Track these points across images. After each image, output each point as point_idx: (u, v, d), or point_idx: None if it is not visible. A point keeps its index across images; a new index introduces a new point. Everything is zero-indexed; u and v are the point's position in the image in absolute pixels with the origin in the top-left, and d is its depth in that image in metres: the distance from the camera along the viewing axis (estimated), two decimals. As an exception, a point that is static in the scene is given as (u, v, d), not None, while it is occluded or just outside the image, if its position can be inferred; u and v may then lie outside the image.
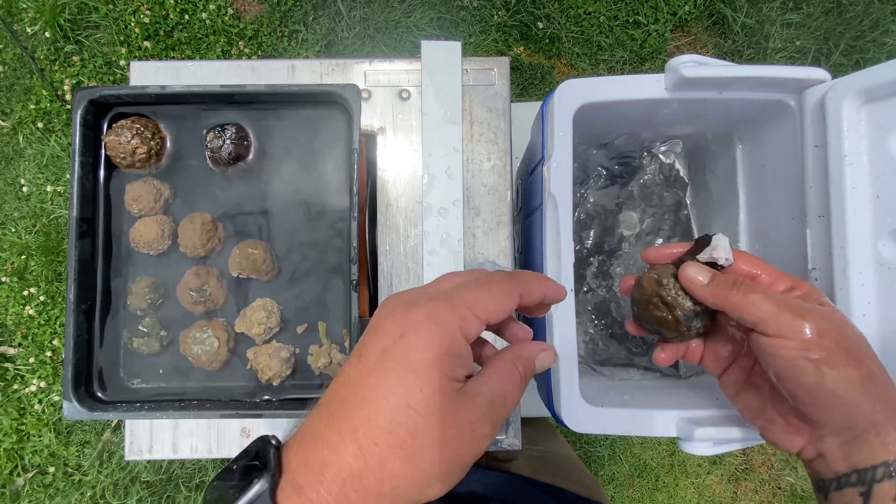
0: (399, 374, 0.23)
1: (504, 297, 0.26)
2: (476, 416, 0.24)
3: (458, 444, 0.24)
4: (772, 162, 0.52)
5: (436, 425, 0.23)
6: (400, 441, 0.22)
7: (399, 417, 0.23)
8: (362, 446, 0.22)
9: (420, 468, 0.23)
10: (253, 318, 0.46)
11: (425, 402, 0.23)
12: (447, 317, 0.24)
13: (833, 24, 1.40)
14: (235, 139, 0.47)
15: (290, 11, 1.39)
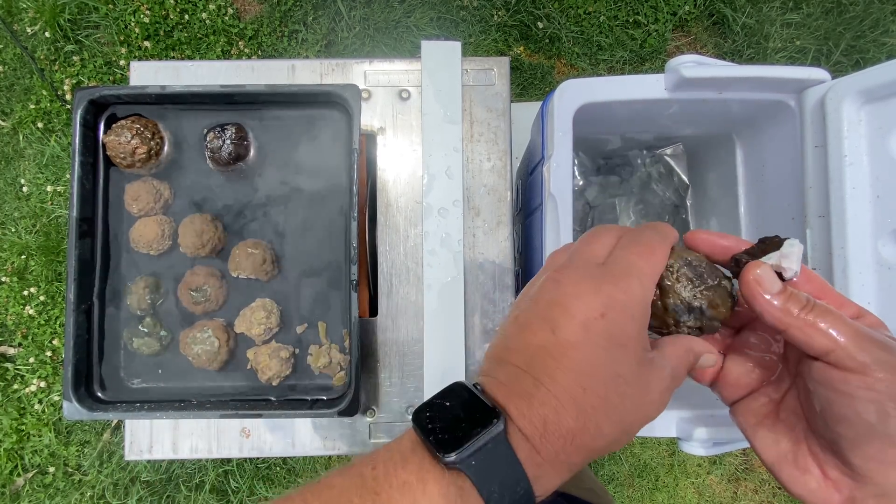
0: (607, 349, 0.26)
1: (663, 256, 0.28)
2: (664, 385, 0.27)
3: (649, 409, 0.27)
4: (772, 162, 0.52)
5: (639, 392, 0.26)
6: (613, 406, 0.26)
7: (612, 386, 0.25)
8: (581, 410, 0.25)
9: (624, 429, 0.26)
10: (253, 318, 0.46)
11: (632, 373, 0.26)
12: (639, 292, 0.26)
13: (833, 24, 1.40)
14: (235, 139, 0.47)
15: (290, 11, 1.39)
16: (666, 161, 0.64)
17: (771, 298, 0.27)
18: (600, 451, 0.26)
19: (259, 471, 1.36)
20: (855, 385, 0.25)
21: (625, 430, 0.26)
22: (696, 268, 0.29)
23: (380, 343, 0.52)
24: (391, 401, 0.52)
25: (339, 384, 0.47)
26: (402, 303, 0.53)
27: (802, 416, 0.29)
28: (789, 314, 0.26)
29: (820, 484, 0.27)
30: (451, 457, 0.25)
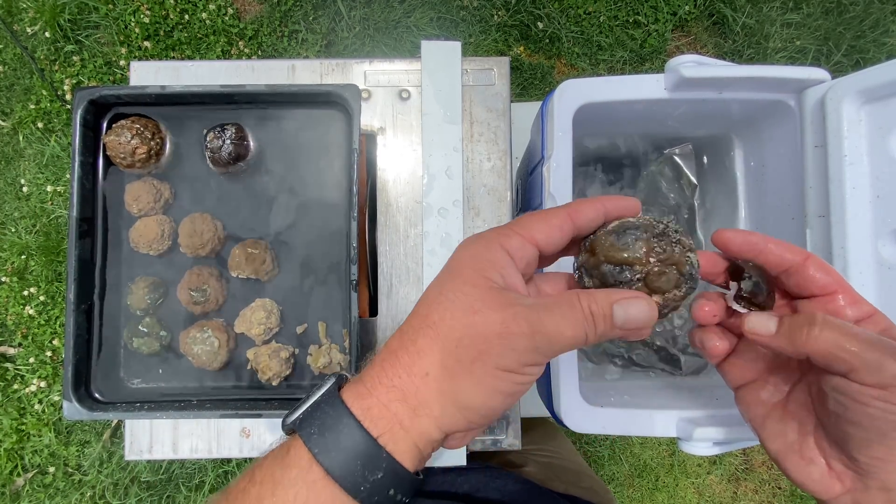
0: (439, 278, 0.27)
1: (547, 216, 0.27)
2: (508, 313, 0.24)
3: (486, 330, 0.24)
4: (772, 162, 0.52)
5: (462, 308, 0.25)
6: (430, 322, 0.26)
7: (432, 305, 0.26)
8: (402, 332, 0.26)
9: (447, 349, 0.25)
10: (253, 318, 0.46)
11: (455, 290, 0.26)
12: (488, 233, 0.27)
13: (833, 24, 1.40)
14: (235, 139, 0.47)
15: (290, 11, 1.39)
16: (674, 161, 0.64)
17: (774, 337, 0.26)
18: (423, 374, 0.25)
19: (259, 471, 1.36)
20: (872, 397, 0.24)
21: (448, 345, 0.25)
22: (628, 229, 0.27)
23: (380, 343, 0.52)
24: (391, 401, 0.52)
25: (339, 384, 0.47)
26: (402, 303, 0.53)
27: (811, 410, 0.28)
28: (799, 342, 0.25)
29: (823, 475, 0.27)
30: (286, 422, 0.26)
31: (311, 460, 0.25)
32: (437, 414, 0.25)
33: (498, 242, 0.26)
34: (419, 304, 0.27)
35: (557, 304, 0.25)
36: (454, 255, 0.27)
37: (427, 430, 0.25)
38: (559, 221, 0.27)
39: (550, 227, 0.27)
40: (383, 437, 0.25)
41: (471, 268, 0.26)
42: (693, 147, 0.65)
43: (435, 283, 0.27)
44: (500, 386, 0.25)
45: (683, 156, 0.64)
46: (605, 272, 0.27)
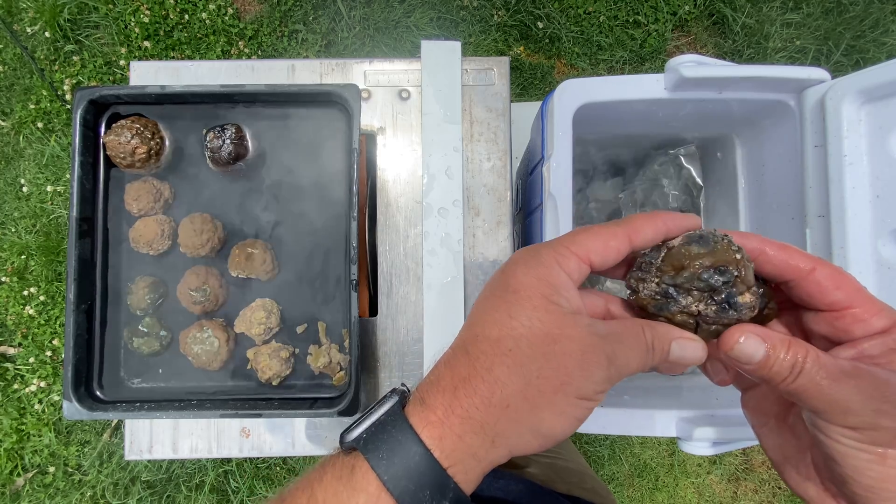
0: (501, 297, 0.25)
1: (604, 235, 0.26)
2: (587, 342, 0.24)
3: (566, 362, 0.24)
4: (772, 162, 0.52)
5: (541, 337, 0.24)
6: (505, 349, 0.24)
7: (504, 329, 0.25)
8: (471, 356, 0.25)
9: (527, 379, 0.24)
10: (253, 318, 0.46)
11: (527, 315, 0.24)
12: (544, 252, 0.26)
13: (833, 24, 1.40)
14: (235, 139, 0.47)
15: (290, 11, 1.39)
16: (680, 162, 0.64)
17: (754, 369, 0.25)
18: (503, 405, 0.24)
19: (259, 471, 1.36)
20: (840, 435, 0.23)
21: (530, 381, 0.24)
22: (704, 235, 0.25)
23: (380, 343, 0.52)
24: (391, 401, 0.52)
25: (339, 384, 0.47)
26: (401, 303, 0.53)
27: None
28: (776, 383, 0.24)
29: (819, 493, 0.27)
30: (346, 438, 0.25)
31: (379, 487, 0.24)
32: (513, 443, 0.25)
33: (557, 264, 0.25)
34: (486, 326, 0.25)
35: (627, 334, 0.25)
36: (513, 274, 0.26)
37: (499, 458, 0.25)
38: (617, 243, 0.26)
39: (607, 249, 0.26)
40: (454, 468, 0.24)
41: (538, 291, 0.25)
42: (696, 148, 0.65)
43: (499, 304, 0.25)
44: (578, 413, 0.25)
45: (689, 157, 0.64)
46: (703, 278, 0.25)
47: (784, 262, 0.26)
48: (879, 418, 0.22)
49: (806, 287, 0.26)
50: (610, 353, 0.24)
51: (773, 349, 0.24)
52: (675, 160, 0.64)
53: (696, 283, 0.25)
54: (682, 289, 0.26)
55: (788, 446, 0.28)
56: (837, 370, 0.23)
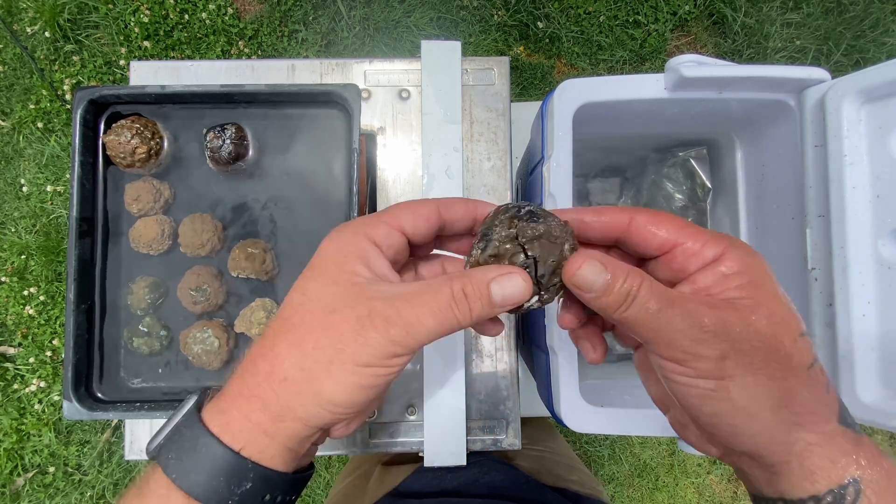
0: (302, 275, 0.26)
1: (415, 206, 0.27)
2: (364, 309, 0.24)
3: (342, 331, 0.24)
4: (772, 162, 0.52)
5: (321, 310, 0.24)
6: (290, 325, 0.25)
7: (295, 306, 0.25)
8: (264, 336, 0.25)
9: (303, 351, 0.24)
10: (253, 318, 0.46)
11: (315, 289, 0.25)
12: (353, 224, 0.26)
13: (833, 23, 1.40)
14: (235, 139, 0.47)
15: (290, 11, 1.39)
16: (690, 164, 0.64)
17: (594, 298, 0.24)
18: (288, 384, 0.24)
19: (259, 471, 1.36)
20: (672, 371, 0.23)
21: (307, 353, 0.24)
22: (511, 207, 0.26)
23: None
24: (391, 401, 0.52)
25: (339, 384, 0.47)
26: (402, 303, 0.53)
27: None
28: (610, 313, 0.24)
29: (698, 438, 0.27)
30: (148, 450, 0.25)
31: (169, 486, 0.24)
32: (301, 415, 0.24)
33: (363, 232, 0.26)
34: (283, 307, 0.26)
35: (420, 292, 0.24)
36: (319, 248, 0.26)
37: (295, 431, 0.25)
38: (427, 212, 0.27)
39: (417, 217, 0.26)
40: (247, 449, 0.24)
41: (333, 263, 0.25)
42: (706, 151, 0.64)
43: (299, 283, 0.26)
44: (361, 381, 0.24)
45: (698, 159, 0.63)
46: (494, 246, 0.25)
47: (603, 222, 0.26)
48: (698, 347, 0.22)
49: (632, 239, 0.26)
50: (391, 315, 0.23)
51: (613, 276, 0.23)
52: (686, 163, 0.64)
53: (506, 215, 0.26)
54: (496, 225, 0.26)
55: (668, 397, 0.27)
56: (665, 299, 0.23)
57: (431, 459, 0.50)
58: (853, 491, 0.22)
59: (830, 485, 0.22)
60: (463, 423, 0.50)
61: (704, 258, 0.24)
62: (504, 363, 0.52)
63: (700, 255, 0.24)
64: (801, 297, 0.45)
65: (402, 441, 0.52)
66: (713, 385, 0.22)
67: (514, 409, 0.52)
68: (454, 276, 0.25)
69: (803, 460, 0.23)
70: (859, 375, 0.39)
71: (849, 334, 0.40)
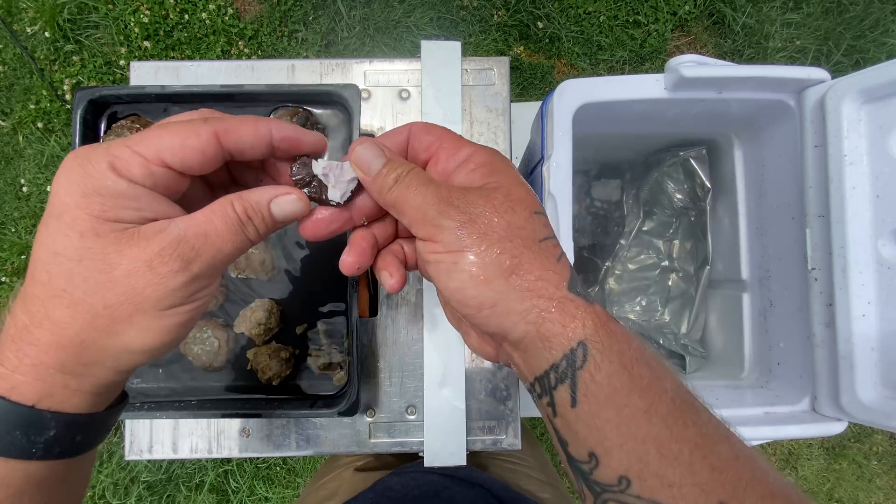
0: (45, 227, 0.23)
1: (183, 133, 0.24)
2: (151, 252, 0.23)
3: (133, 282, 0.23)
4: (772, 162, 0.52)
5: (94, 267, 0.22)
6: (59, 290, 0.22)
7: (51, 267, 0.22)
8: (26, 302, 0.23)
9: (93, 312, 0.23)
10: (253, 318, 0.46)
11: (74, 247, 0.22)
12: (95, 156, 0.23)
13: (833, 24, 1.40)
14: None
15: (290, 11, 1.39)
16: (690, 164, 0.64)
17: (370, 182, 0.27)
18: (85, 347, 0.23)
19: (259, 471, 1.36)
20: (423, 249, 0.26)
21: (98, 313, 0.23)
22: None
23: (380, 343, 0.52)
24: (391, 401, 0.52)
25: (339, 384, 0.47)
26: (401, 303, 0.53)
27: None
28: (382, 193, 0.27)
29: (477, 341, 0.29)
30: None
31: None
32: (110, 365, 0.24)
33: (113, 170, 0.22)
34: (35, 266, 0.23)
35: (207, 219, 0.24)
36: (55, 192, 0.23)
37: (104, 379, 0.24)
38: (200, 142, 0.24)
39: (186, 149, 0.24)
40: (43, 402, 0.23)
41: (86, 212, 0.22)
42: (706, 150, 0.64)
43: (44, 237, 0.23)
44: (170, 322, 0.24)
45: (698, 159, 0.63)
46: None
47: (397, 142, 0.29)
48: (442, 218, 0.24)
49: (412, 144, 0.29)
50: (184, 252, 0.23)
51: (388, 161, 0.27)
52: (686, 162, 0.64)
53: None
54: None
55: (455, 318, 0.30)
56: (425, 179, 0.26)
57: (431, 459, 0.50)
58: (581, 353, 0.23)
59: (564, 350, 0.23)
60: (463, 423, 0.50)
61: (459, 158, 0.27)
62: (504, 363, 0.52)
63: (457, 156, 0.27)
64: (801, 296, 0.45)
65: (401, 441, 0.52)
66: (454, 258, 0.24)
67: (514, 409, 0.52)
68: (234, 197, 0.25)
69: (539, 328, 0.24)
70: (859, 375, 0.39)
71: (849, 334, 0.40)
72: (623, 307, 0.70)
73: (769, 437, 0.41)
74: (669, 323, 0.67)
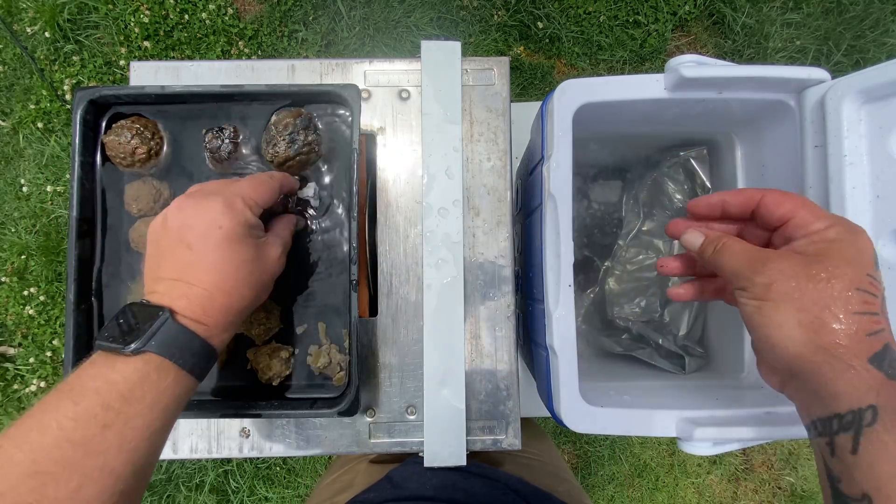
0: (229, 248, 0.36)
1: (267, 189, 0.40)
2: (276, 252, 0.40)
3: (271, 269, 0.40)
4: (772, 162, 0.52)
5: (260, 264, 0.38)
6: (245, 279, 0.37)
7: (241, 269, 0.37)
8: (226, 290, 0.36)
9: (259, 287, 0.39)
10: (253, 318, 0.46)
11: (251, 255, 0.37)
12: (240, 206, 0.37)
13: (833, 24, 1.40)
14: (234, 139, 0.47)
15: (290, 11, 1.39)
16: (691, 165, 0.64)
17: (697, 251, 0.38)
18: (249, 306, 0.38)
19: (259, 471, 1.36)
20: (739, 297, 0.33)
21: (259, 287, 0.38)
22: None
23: (380, 343, 0.52)
24: (391, 401, 0.52)
25: (339, 384, 0.47)
26: (401, 303, 0.53)
27: None
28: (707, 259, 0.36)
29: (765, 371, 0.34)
30: (130, 346, 0.31)
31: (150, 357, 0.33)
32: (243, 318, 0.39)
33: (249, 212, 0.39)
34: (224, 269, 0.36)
35: (285, 230, 0.44)
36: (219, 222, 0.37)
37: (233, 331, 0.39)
38: (275, 192, 0.42)
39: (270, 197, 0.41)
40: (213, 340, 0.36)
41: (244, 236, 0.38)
42: (706, 150, 0.64)
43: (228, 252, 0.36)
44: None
45: (698, 159, 0.63)
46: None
47: (742, 200, 0.37)
48: (755, 276, 0.31)
49: (762, 211, 0.35)
50: (285, 249, 0.43)
51: (706, 236, 0.37)
52: (686, 163, 0.64)
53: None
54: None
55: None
56: (741, 244, 0.34)
57: (431, 459, 0.50)
58: (871, 414, 0.27)
59: (851, 406, 0.27)
60: (463, 423, 0.50)
61: (811, 230, 0.32)
62: (504, 363, 0.52)
63: (809, 227, 0.32)
64: (801, 297, 0.45)
65: (401, 441, 0.52)
66: (758, 304, 0.31)
67: (514, 409, 0.52)
68: (287, 220, 0.45)
69: (828, 382, 0.28)
70: (859, 375, 0.39)
71: (849, 334, 0.40)
72: (623, 307, 0.70)
73: (769, 437, 0.41)
74: (669, 324, 0.67)
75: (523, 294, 0.60)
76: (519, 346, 0.54)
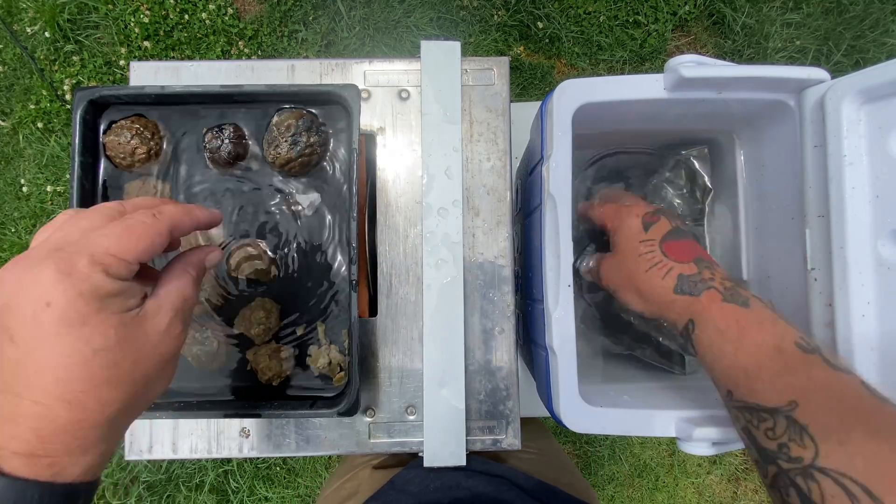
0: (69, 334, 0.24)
1: (141, 236, 0.28)
2: (161, 325, 0.29)
3: (160, 350, 0.28)
4: (771, 162, 0.52)
5: (133, 348, 0.27)
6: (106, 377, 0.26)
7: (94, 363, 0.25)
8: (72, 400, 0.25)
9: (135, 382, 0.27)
10: (252, 318, 0.46)
11: (113, 340, 0.26)
12: (85, 270, 0.25)
13: (833, 24, 1.40)
14: (234, 138, 0.47)
15: (290, 11, 1.39)
16: (691, 164, 0.64)
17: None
18: (121, 411, 0.27)
19: (259, 471, 1.36)
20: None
21: (137, 382, 0.27)
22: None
23: (379, 343, 0.52)
24: (391, 401, 0.52)
25: (339, 384, 0.47)
26: (401, 303, 0.53)
27: None
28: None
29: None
30: None
31: None
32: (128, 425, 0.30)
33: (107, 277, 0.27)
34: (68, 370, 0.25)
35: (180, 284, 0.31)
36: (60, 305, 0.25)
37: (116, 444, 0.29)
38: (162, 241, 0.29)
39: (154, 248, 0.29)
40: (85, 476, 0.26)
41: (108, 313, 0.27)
42: (707, 150, 0.64)
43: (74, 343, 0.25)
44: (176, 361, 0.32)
45: (699, 158, 0.63)
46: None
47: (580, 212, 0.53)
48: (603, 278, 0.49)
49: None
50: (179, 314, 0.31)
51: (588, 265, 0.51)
52: (687, 162, 0.64)
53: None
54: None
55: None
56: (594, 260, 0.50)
57: (431, 459, 0.50)
58: (691, 325, 0.39)
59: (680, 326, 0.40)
60: (463, 423, 0.50)
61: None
62: (504, 363, 0.52)
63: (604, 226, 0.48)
64: (801, 297, 0.45)
65: (401, 441, 0.52)
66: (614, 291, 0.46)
67: (514, 409, 0.52)
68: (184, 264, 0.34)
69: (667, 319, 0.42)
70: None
71: (849, 334, 0.40)
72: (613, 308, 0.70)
73: (769, 438, 0.41)
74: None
75: (523, 294, 0.60)
76: (519, 346, 0.54)
